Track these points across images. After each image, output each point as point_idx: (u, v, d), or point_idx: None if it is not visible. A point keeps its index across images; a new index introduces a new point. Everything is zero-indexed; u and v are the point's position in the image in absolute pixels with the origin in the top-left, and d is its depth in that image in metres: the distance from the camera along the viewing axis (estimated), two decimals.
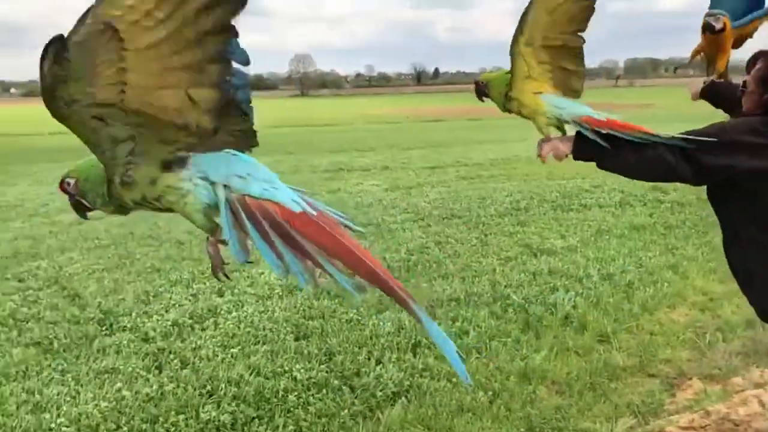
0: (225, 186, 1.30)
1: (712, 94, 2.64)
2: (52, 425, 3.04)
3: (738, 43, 2.76)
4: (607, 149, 1.95)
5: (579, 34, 2.06)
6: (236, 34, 1.19)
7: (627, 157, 1.95)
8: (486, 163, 12.38)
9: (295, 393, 3.26)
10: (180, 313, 4.38)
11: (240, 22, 1.15)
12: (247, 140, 1.45)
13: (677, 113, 19.93)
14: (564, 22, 2.02)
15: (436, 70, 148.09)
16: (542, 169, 11.34)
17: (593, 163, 2.04)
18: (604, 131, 1.95)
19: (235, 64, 1.28)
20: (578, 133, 2.02)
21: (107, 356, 3.78)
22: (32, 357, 3.81)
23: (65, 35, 1.14)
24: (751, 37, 2.77)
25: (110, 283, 5.17)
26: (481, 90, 2.22)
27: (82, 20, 1.13)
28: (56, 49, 1.13)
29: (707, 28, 2.67)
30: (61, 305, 4.69)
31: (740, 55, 2.71)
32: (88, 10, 1.13)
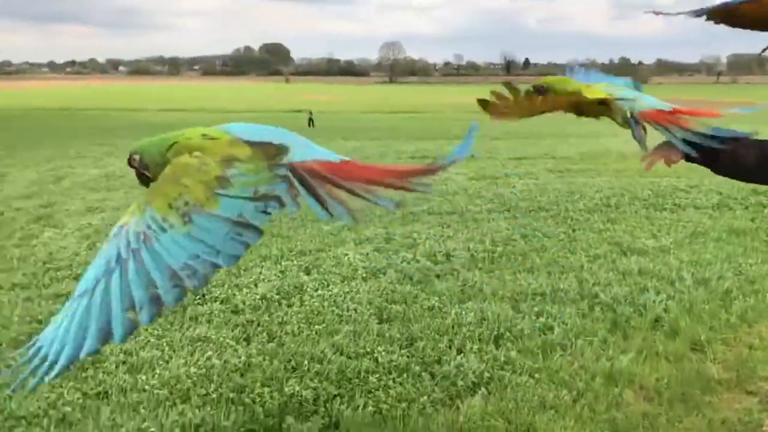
0: None
1: None
2: (146, 386, 3.21)
3: None
4: (722, 151, 1.83)
5: None
6: None
7: (745, 157, 1.80)
8: (575, 156, 12.04)
9: (377, 375, 3.31)
10: (268, 288, 4.52)
11: (332, 8, 1.16)
12: None
13: None
14: None
15: (527, 60, 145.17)
16: (634, 165, 10.90)
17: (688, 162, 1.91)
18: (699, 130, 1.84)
19: None
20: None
21: (200, 325, 3.96)
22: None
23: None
24: None
25: None
26: (542, 94, 2.15)
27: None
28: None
29: None
30: None
31: None
32: None
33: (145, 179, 1.67)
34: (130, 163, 1.69)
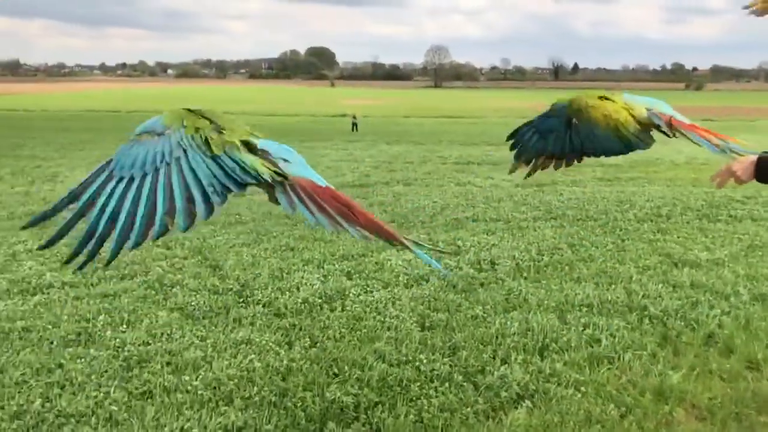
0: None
1: None
2: (189, 387, 3.24)
3: None
4: None
5: None
6: None
7: None
8: (625, 164, 11.76)
9: (418, 384, 3.27)
10: (310, 292, 4.53)
11: (378, 12, 1.17)
12: None
13: None
14: None
15: (575, 65, 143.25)
16: (687, 174, 10.62)
17: None
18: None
19: None
20: (760, 157, 1.87)
21: (242, 327, 3.98)
22: (175, 321, 4.09)
23: None
24: None
25: (248, 257, 5.44)
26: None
27: None
28: None
29: None
30: (203, 274, 4.99)
31: None
32: None
33: None
34: None
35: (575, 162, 2.40)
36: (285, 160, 1.79)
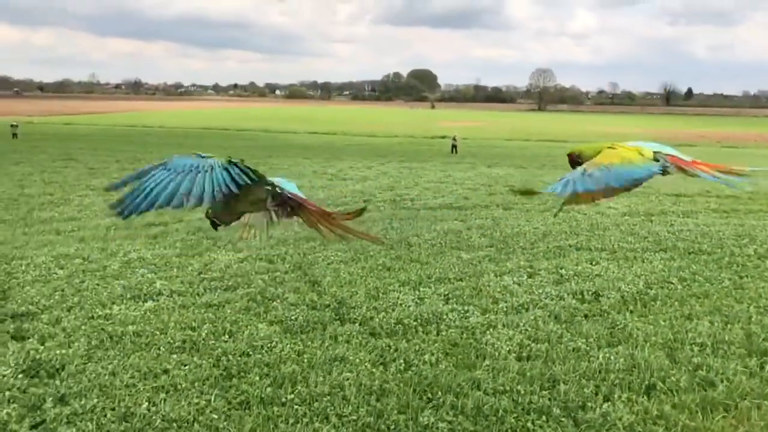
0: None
1: None
2: (284, 400, 3.29)
3: None
4: None
5: None
6: None
7: None
8: (743, 196, 11.02)
9: (515, 415, 3.16)
10: (406, 314, 4.51)
11: (482, 35, 1.13)
12: None
13: None
14: None
15: (689, 90, 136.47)
16: None
17: None
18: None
19: None
20: None
21: (338, 344, 4.01)
22: (275, 334, 4.18)
23: None
24: None
25: (345, 275, 5.50)
26: (575, 161, 2.44)
27: None
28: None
29: None
30: (302, 289, 5.09)
31: None
32: None
33: (214, 225, 2.51)
34: (206, 214, 2.42)
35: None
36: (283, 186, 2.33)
